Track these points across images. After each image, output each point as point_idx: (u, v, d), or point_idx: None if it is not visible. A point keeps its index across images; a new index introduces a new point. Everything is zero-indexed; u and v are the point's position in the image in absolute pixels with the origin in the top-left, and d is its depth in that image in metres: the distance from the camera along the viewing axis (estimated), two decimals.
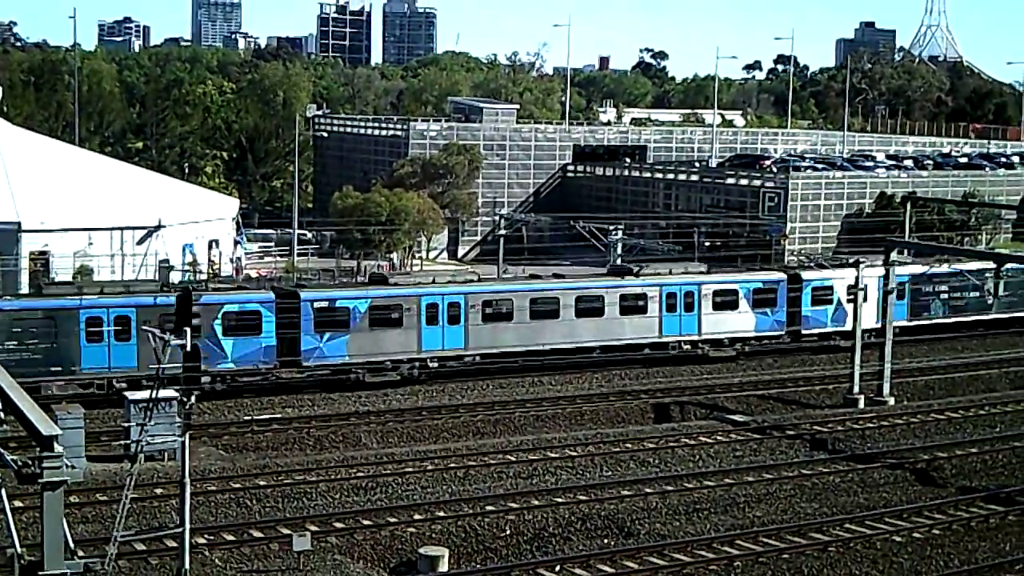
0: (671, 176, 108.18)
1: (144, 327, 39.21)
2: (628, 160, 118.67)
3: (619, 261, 74.02)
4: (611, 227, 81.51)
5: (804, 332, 62.73)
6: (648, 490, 39.68)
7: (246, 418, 48.02)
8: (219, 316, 49.95)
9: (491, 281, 60.89)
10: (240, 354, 50.18)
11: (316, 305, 51.54)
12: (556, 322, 56.28)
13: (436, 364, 54.31)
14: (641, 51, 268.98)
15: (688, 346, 59.83)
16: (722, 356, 60.44)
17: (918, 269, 64.80)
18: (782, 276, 62.97)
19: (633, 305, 58.20)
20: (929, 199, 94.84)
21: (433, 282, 57.68)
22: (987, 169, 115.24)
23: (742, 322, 60.98)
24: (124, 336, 48.26)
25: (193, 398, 28.87)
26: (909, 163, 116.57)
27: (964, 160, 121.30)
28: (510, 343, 55.61)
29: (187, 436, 28.29)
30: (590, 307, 57.31)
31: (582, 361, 57.07)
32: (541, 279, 59.89)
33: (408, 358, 53.53)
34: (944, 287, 66.40)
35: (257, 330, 50.32)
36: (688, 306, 59.20)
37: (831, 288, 62.97)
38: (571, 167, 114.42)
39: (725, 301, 60.34)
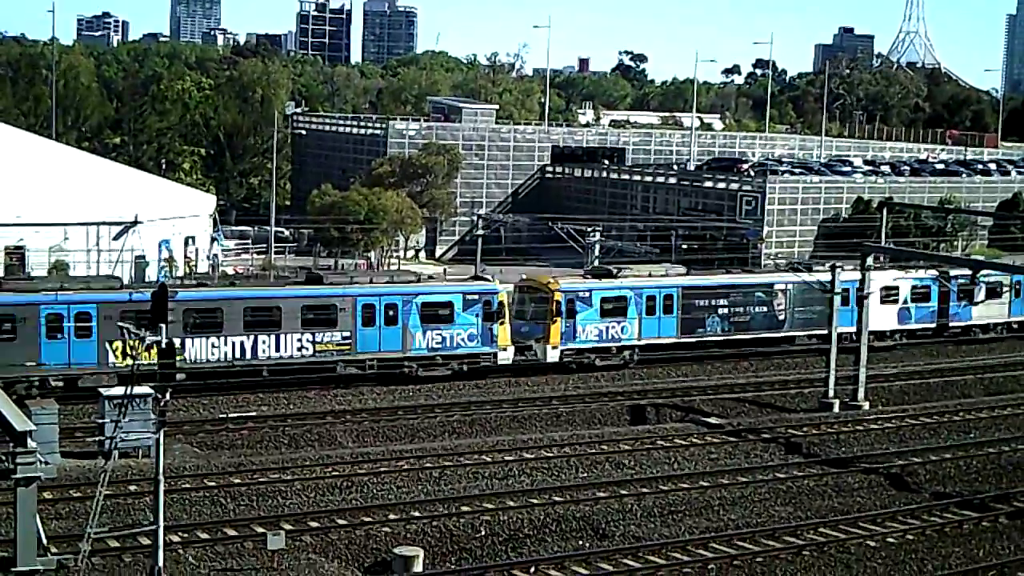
0: (649, 178, 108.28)
1: None
2: (607, 162, 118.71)
3: (597, 262, 74.08)
4: (589, 228, 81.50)
5: None
6: (623, 492, 39.72)
7: (221, 416, 47.91)
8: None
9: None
10: (918, 316, 67.31)
11: (960, 282, 67.10)
12: None
13: None
14: (621, 54, 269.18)
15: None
16: None
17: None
18: None
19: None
20: (906, 205, 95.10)
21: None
22: (964, 176, 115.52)
23: None
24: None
25: (168, 395, 28.73)
26: (886, 169, 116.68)
27: (941, 167, 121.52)
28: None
29: (162, 433, 28.16)
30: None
31: None
32: None
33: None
34: None
35: (928, 299, 67.39)
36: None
37: None
38: (550, 168, 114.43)
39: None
